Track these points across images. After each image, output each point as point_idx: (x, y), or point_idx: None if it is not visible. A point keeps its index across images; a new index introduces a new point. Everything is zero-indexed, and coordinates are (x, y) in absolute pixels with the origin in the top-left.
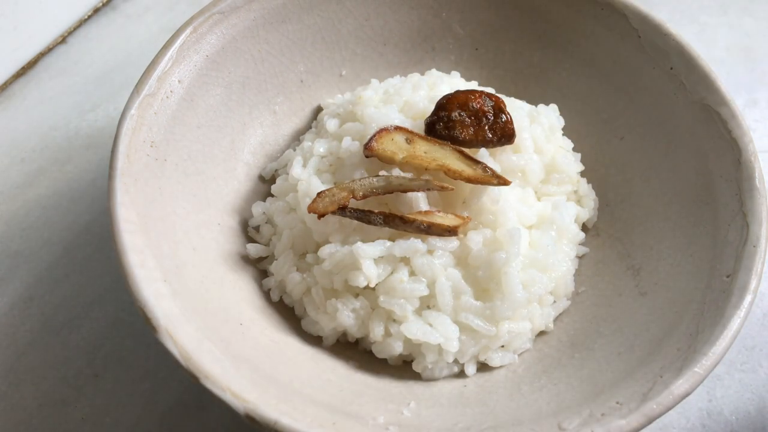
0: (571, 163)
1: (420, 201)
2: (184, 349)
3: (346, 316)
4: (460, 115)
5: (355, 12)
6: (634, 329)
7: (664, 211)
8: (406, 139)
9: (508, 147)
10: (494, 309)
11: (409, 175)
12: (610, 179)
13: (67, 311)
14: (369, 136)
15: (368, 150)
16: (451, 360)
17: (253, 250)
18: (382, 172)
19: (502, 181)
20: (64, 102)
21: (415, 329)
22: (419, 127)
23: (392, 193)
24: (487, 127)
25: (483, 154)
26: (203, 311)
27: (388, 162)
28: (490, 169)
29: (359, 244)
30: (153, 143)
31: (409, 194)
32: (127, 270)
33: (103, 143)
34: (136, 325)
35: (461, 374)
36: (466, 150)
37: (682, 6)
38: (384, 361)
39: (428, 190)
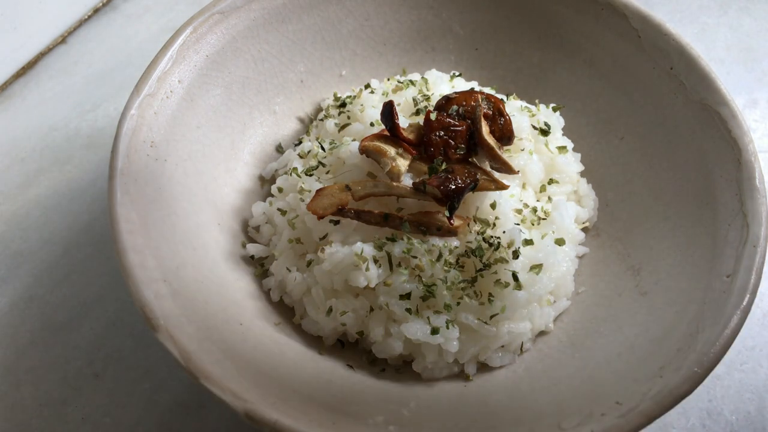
0: (571, 163)
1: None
2: (184, 349)
3: (346, 316)
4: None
5: (355, 12)
6: (634, 329)
7: (664, 211)
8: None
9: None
10: (494, 309)
11: (410, 182)
12: (610, 179)
13: (67, 311)
14: (367, 136)
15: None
16: (451, 360)
17: (253, 250)
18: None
19: (500, 186)
20: (64, 102)
21: (415, 329)
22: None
23: (391, 195)
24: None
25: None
26: (203, 311)
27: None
28: (489, 174)
29: (359, 244)
30: (153, 143)
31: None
32: (127, 270)
33: (103, 143)
34: (136, 325)
35: (461, 374)
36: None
37: (682, 6)
38: (384, 361)
39: (427, 200)
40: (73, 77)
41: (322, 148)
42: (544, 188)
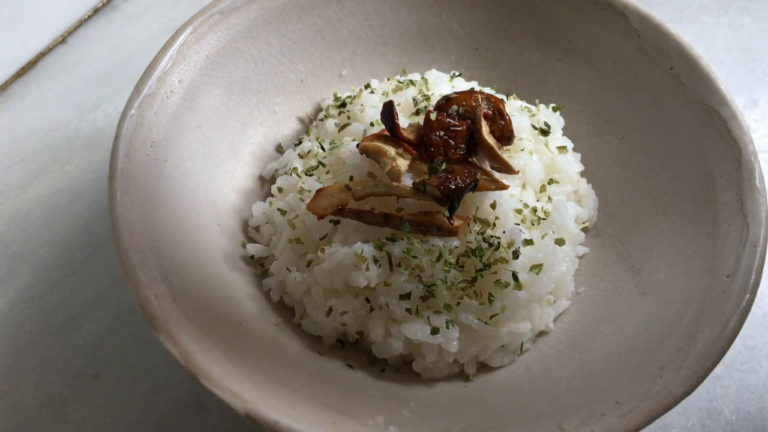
0: (571, 163)
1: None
2: (184, 349)
3: (346, 316)
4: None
5: (355, 12)
6: (634, 329)
7: (664, 211)
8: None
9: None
10: (494, 309)
11: (410, 182)
12: (610, 179)
13: (67, 311)
14: (367, 136)
15: (361, 150)
16: (451, 360)
17: (253, 250)
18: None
19: (500, 186)
20: (64, 102)
21: (415, 329)
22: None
23: (391, 195)
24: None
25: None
26: (203, 311)
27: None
28: (489, 174)
29: (359, 244)
30: (153, 143)
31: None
32: (127, 270)
33: (103, 143)
34: (136, 325)
35: (461, 374)
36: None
37: (682, 6)
38: (384, 361)
39: (427, 200)
40: (73, 77)
41: (322, 148)
42: (544, 188)
